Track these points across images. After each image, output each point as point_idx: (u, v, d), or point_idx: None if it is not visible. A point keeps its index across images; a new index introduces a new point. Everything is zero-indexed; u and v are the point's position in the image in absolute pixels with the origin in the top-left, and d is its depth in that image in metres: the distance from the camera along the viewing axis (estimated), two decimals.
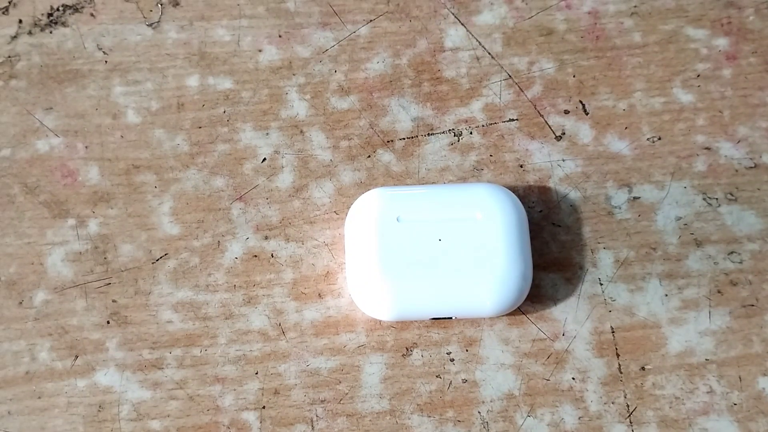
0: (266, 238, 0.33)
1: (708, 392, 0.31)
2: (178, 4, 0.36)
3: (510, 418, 0.31)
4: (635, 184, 0.34)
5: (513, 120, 0.35)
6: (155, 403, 0.31)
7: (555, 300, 0.32)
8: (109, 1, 0.36)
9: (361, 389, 0.31)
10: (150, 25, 0.36)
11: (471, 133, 0.35)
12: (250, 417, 0.31)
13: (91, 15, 0.36)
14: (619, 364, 0.32)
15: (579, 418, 0.31)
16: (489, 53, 0.36)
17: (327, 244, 0.33)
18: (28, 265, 0.33)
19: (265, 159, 0.34)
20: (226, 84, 0.35)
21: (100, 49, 0.36)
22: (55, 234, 0.33)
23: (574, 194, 0.34)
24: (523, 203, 0.32)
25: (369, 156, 0.35)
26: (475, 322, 0.32)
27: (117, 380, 0.31)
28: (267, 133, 0.35)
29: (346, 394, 0.31)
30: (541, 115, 0.35)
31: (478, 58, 0.36)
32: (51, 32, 0.36)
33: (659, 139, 0.35)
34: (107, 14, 0.36)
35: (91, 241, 0.33)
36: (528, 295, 0.31)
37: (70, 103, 0.35)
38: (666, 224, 0.33)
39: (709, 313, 0.32)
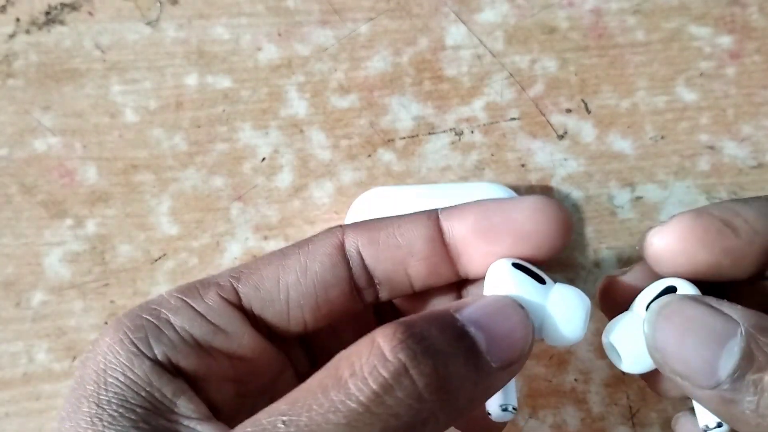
0: (266, 238, 0.33)
1: None
2: (176, 2, 0.36)
3: (512, 420, 0.31)
4: (638, 184, 0.34)
5: (515, 119, 0.35)
6: None
7: None
8: None
9: None
10: (148, 23, 0.36)
11: (472, 132, 0.34)
12: None
13: (89, 13, 0.36)
14: None
15: (582, 419, 0.31)
16: (490, 51, 0.36)
17: None
18: (26, 265, 0.33)
19: (264, 158, 0.34)
20: (225, 83, 0.35)
21: (98, 47, 0.35)
22: (53, 234, 0.33)
23: (576, 194, 0.34)
24: None
25: (369, 155, 0.34)
26: None
27: None
28: (266, 132, 0.34)
29: None
30: (543, 114, 0.35)
31: (479, 57, 0.35)
32: (49, 31, 0.36)
33: (662, 138, 0.34)
34: (105, 12, 0.36)
35: (89, 242, 0.33)
36: None
37: (67, 102, 0.35)
38: None
39: None
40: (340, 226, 0.19)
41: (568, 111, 0.35)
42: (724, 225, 0.17)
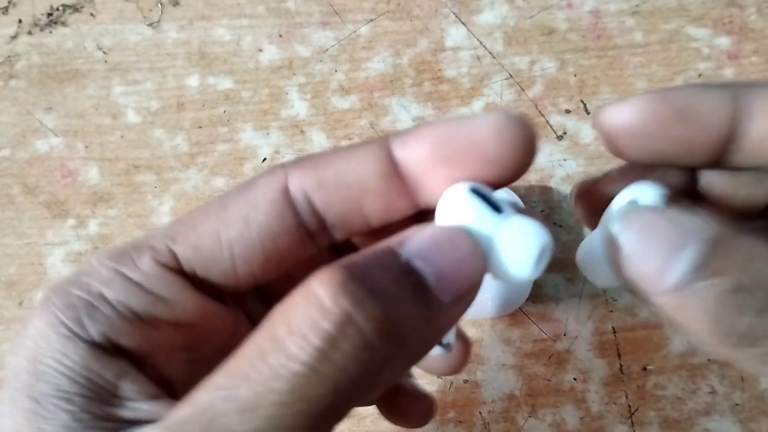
0: None
1: (710, 392, 0.31)
2: (178, 3, 0.36)
3: (511, 418, 0.31)
4: None
5: None
6: None
7: (556, 300, 0.32)
8: (108, 0, 0.36)
9: None
10: (150, 24, 0.36)
11: None
12: None
13: (91, 15, 0.36)
14: (621, 365, 0.32)
15: (581, 418, 0.31)
16: (490, 52, 0.36)
17: None
18: (28, 265, 0.33)
19: (265, 159, 0.34)
20: (226, 84, 0.35)
21: (100, 48, 0.36)
22: (55, 234, 0.33)
23: None
24: (524, 203, 0.32)
25: None
26: (476, 322, 0.32)
27: None
28: (267, 133, 0.35)
29: None
30: (543, 115, 0.35)
31: (479, 58, 0.36)
32: (51, 32, 0.36)
33: None
34: (107, 14, 0.36)
35: (91, 241, 0.33)
36: (529, 296, 0.31)
37: (69, 103, 0.35)
38: None
39: None
40: (282, 165, 0.17)
41: (568, 112, 0.35)
42: (680, 113, 0.17)
